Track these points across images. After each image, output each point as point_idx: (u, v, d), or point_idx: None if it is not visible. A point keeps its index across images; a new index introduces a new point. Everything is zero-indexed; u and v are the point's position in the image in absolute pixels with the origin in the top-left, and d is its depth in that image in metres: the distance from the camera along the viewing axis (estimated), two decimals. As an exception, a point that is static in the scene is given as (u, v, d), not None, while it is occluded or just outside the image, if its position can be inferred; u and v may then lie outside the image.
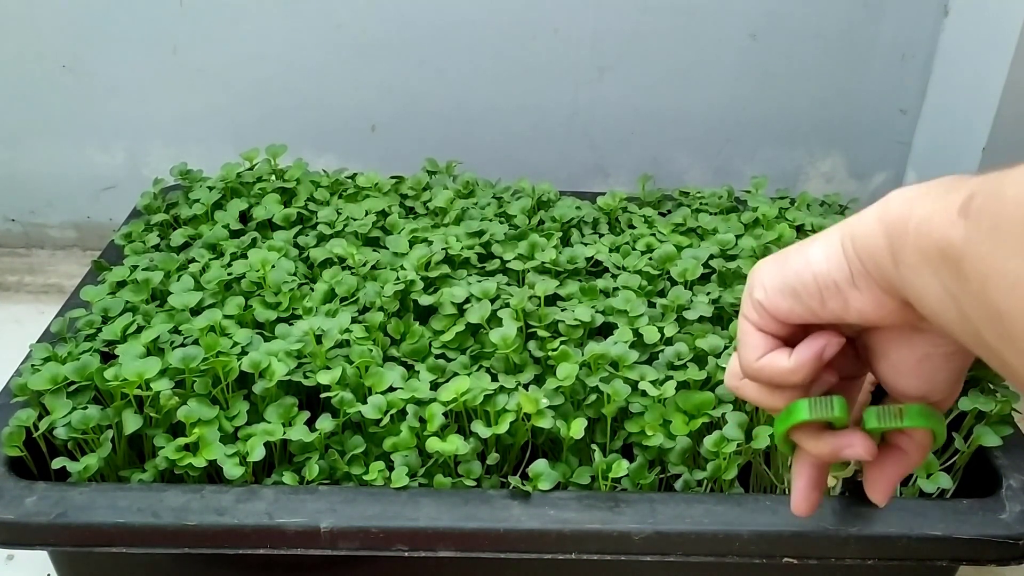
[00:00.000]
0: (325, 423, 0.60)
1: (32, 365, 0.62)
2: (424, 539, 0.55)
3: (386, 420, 0.60)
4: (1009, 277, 0.30)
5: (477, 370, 0.64)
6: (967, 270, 0.32)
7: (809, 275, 0.40)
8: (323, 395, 0.62)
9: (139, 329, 0.66)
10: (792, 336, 0.43)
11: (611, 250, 0.78)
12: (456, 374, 0.64)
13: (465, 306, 0.68)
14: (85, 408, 0.60)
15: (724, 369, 0.62)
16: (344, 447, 0.60)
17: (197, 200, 0.83)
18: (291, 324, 0.67)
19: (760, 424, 0.59)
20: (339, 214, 0.81)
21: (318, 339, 0.64)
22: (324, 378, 0.61)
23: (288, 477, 0.58)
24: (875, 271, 0.38)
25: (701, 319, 0.68)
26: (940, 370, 0.42)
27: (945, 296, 0.34)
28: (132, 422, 0.60)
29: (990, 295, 0.31)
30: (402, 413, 0.61)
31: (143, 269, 0.74)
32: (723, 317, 0.70)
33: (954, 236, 0.33)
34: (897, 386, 0.43)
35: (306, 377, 0.63)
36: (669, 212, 0.88)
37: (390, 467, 0.59)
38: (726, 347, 0.64)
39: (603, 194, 0.86)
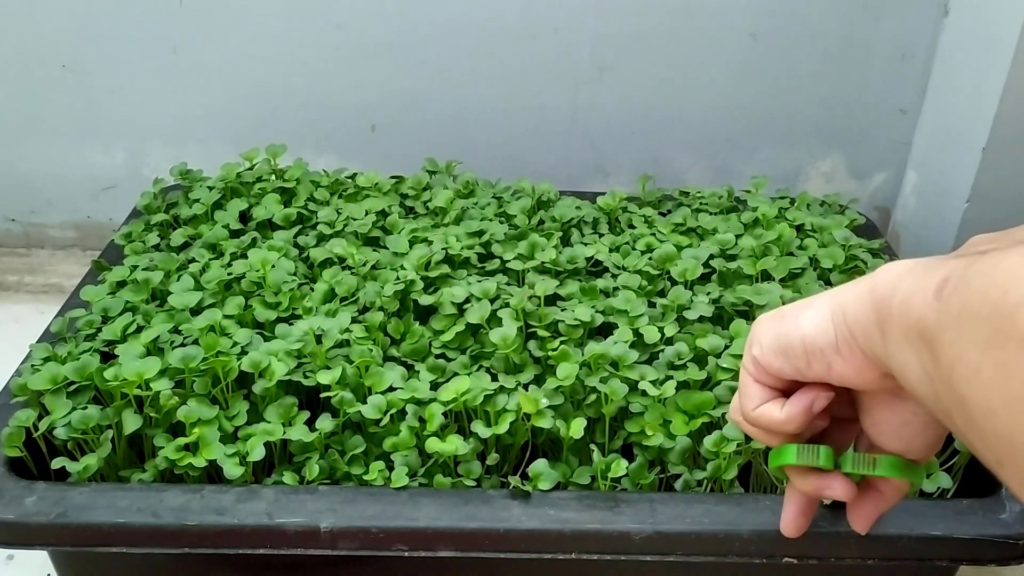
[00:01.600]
0: (325, 423, 0.60)
1: (32, 365, 0.62)
2: (424, 539, 0.55)
3: (386, 420, 0.60)
4: (970, 366, 0.31)
5: (477, 370, 0.64)
6: (938, 352, 0.33)
7: (797, 338, 0.43)
8: (323, 395, 0.62)
9: (139, 329, 0.66)
10: (789, 387, 0.46)
11: (611, 250, 0.78)
12: (456, 374, 0.64)
13: (465, 306, 0.68)
14: (85, 408, 0.60)
15: (724, 369, 0.62)
16: (344, 447, 0.60)
17: (197, 200, 0.83)
18: (291, 324, 0.67)
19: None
20: (339, 214, 0.81)
21: (318, 339, 0.64)
22: (324, 378, 0.61)
23: (288, 477, 0.58)
24: (864, 342, 0.40)
25: (701, 319, 0.68)
26: (918, 435, 0.45)
27: (923, 375, 0.35)
28: (132, 422, 0.60)
29: (955, 380, 0.32)
30: (402, 413, 0.61)
31: (143, 269, 0.74)
32: (723, 317, 0.70)
33: (929, 318, 0.34)
34: (877, 442, 0.47)
35: (306, 377, 0.63)
36: (669, 212, 0.88)
37: (390, 467, 0.59)
38: (727, 346, 0.64)
39: (603, 194, 0.86)
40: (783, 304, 0.68)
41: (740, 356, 0.63)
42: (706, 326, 0.68)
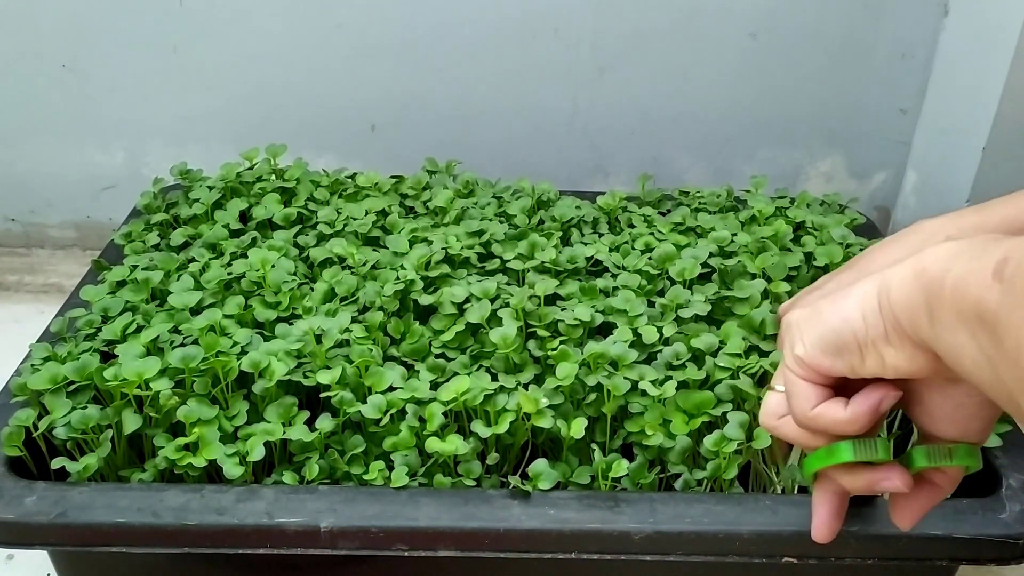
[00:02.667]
0: (325, 423, 0.60)
1: (32, 365, 0.62)
2: (424, 539, 0.55)
3: (386, 420, 0.60)
4: None
5: (477, 370, 0.64)
6: (1002, 335, 0.32)
7: (848, 333, 0.41)
8: (323, 395, 0.62)
9: (139, 329, 0.66)
10: (837, 384, 0.44)
11: (611, 250, 0.78)
12: (456, 374, 0.64)
13: (465, 306, 0.68)
14: (85, 408, 0.60)
15: (721, 368, 0.62)
16: (344, 447, 0.60)
17: (197, 200, 0.83)
18: (291, 324, 0.67)
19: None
20: (339, 214, 0.81)
21: (318, 339, 0.64)
22: (324, 378, 0.61)
23: (288, 477, 0.58)
24: (910, 327, 0.38)
25: (696, 318, 0.68)
26: (974, 417, 0.43)
27: (980, 357, 0.34)
28: (132, 422, 0.60)
29: (1023, 361, 0.31)
30: (402, 413, 0.61)
31: (143, 269, 0.74)
32: (716, 315, 0.70)
33: (989, 299, 0.33)
34: (932, 430, 0.44)
35: (306, 377, 0.63)
36: (669, 212, 0.88)
37: (390, 467, 0.59)
38: (722, 345, 0.64)
39: (603, 194, 0.86)
40: (758, 297, 0.69)
41: (736, 355, 0.63)
42: (700, 326, 0.68)
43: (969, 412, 0.43)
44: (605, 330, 0.68)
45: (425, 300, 0.69)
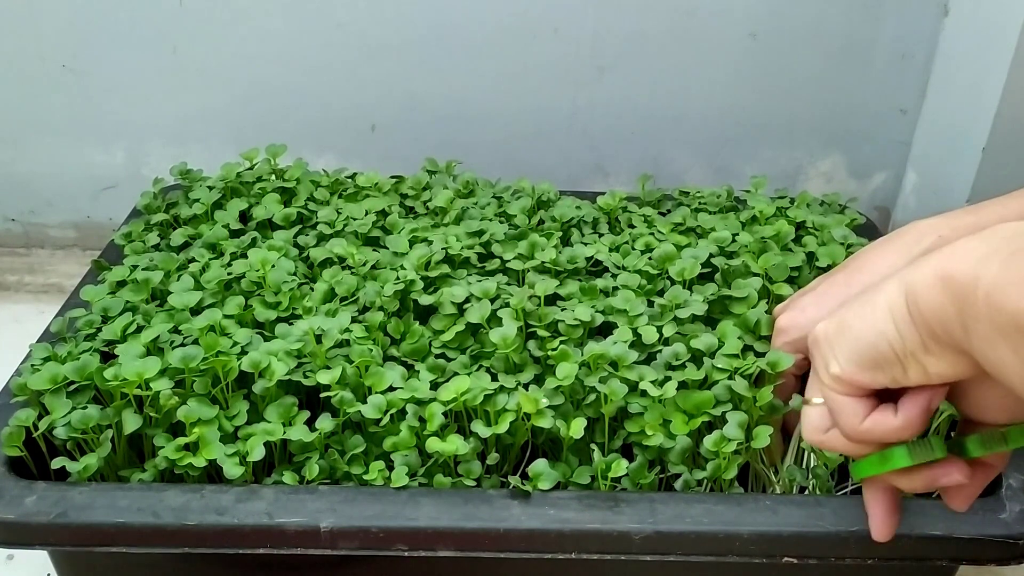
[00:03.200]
0: (325, 423, 0.60)
1: (32, 365, 0.62)
2: (424, 539, 0.55)
3: (386, 420, 0.60)
4: None
5: (477, 370, 0.64)
6: None
7: (886, 347, 0.40)
8: (323, 395, 0.62)
9: (139, 329, 0.66)
10: (880, 389, 0.43)
11: (611, 250, 0.78)
12: (456, 374, 0.64)
13: (465, 306, 0.68)
14: (85, 408, 0.60)
15: (719, 369, 0.62)
16: (344, 447, 0.60)
17: (197, 200, 0.83)
18: (291, 324, 0.67)
19: (760, 424, 0.59)
20: (339, 214, 0.81)
21: (318, 339, 0.64)
22: (324, 378, 0.61)
23: (288, 477, 0.58)
24: (946, 337, 0.37)
25: (694, 318, 0.68)
26: (1021, 401, 0.41)
27: None
28: (132, 422, 0.60)
29: None
30: (402, 413, 0.61)
31: (143, 269, 0.74)
32: (713, 315, 0.70)
33: None
34: (980, 418, 0.43)
35: (306, 377, 0.63)
36: (669, 212, 0.88)
37: (390, 467, 0.59)
38: (721, 345, 0.64)
39: (603, 194, 0.86)
40: (755, 296, 0.69)
41: (734, 356, 0.63)
42: (699, 326, 0.68)
43: (1016, 398, 0.40)
44: (605, 330, 0.68)
45: (425, 300, 0.69)
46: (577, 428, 0.59)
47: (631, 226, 0.84)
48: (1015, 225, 0.36)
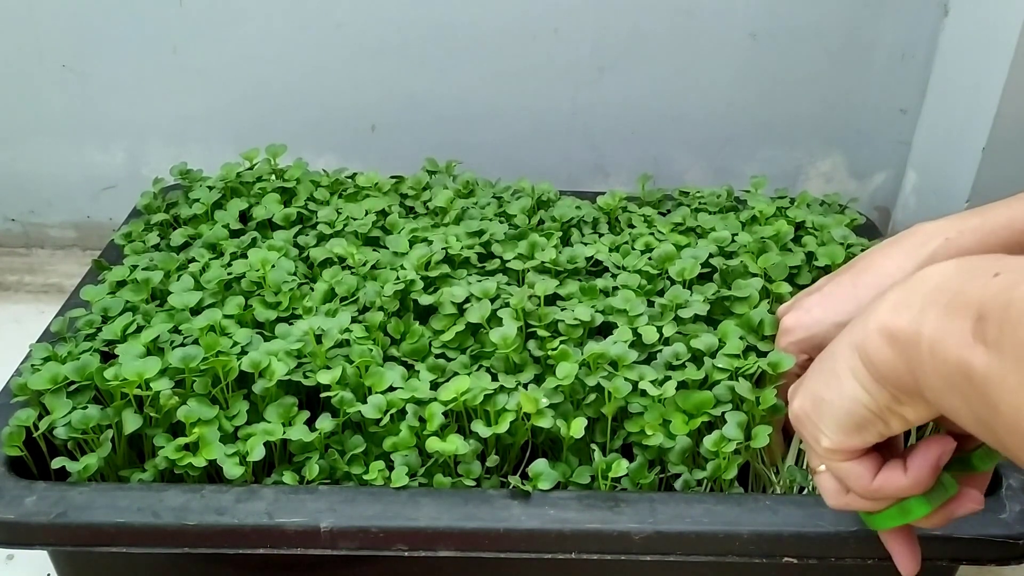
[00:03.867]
0: (325, 423, 0.60)
1: (32, 365, 0.62)
2: (424, 539, 0.55)
3: (386, 420, 0.60)
4: None
5: (477, 370, 0.64)
6: (995, 400, 0.31)
7: (862, 410, 0.40)
8: (323, 395, 0.62)
9: (139, 329, 0.66)
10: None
11: (611, 250, 0.78)
12: (456, 374, 0.64)
13: (465, 306, 0.68)
14: (85, 408, 0.60)
15: (720, 369, 0.62)
16: (344, 447, 0.60)
17: (197, 200, 0.83)
18: (291, 324, 0.67)
19: (759, 424, 0.59)
20: (339, 214, 0.81)
21: (318, 339, 0.64)
22: (324, 378, 0.61)
23: (288, 477, 0.58)
24: (904, 391, 0.38)
25: (696, 318, 0.68)
26: None
27: (976, 420, 0.33)
28: (132, 422, 0.60)
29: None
30: (402, 413, 0.61)
31: (143, 269, 0.74)
32: (715, 315, 0.70)
33: (975, 362, 0.32)
34: (967, 438, 0.44)
35: (306, 377, 0.63)
36: (669, 212, 0.88)
37: (390, 467, 0.59)
38: (721, 345, 0.64)
39: (603, 194, 0.86)
40: (757, 296, 0.69)
41: (735, 356, 0.63)
42: (699, 326, 0.68)
43: None
44: (605, 330, 0.68)
45: (425, 300, 0.69)
46: (577, 428, 0.59)
47: (631, 226, 0.84)
48: (940, 270, 0.36)
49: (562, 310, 0.68)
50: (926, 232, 0.59)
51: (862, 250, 0.77)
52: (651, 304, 0.70)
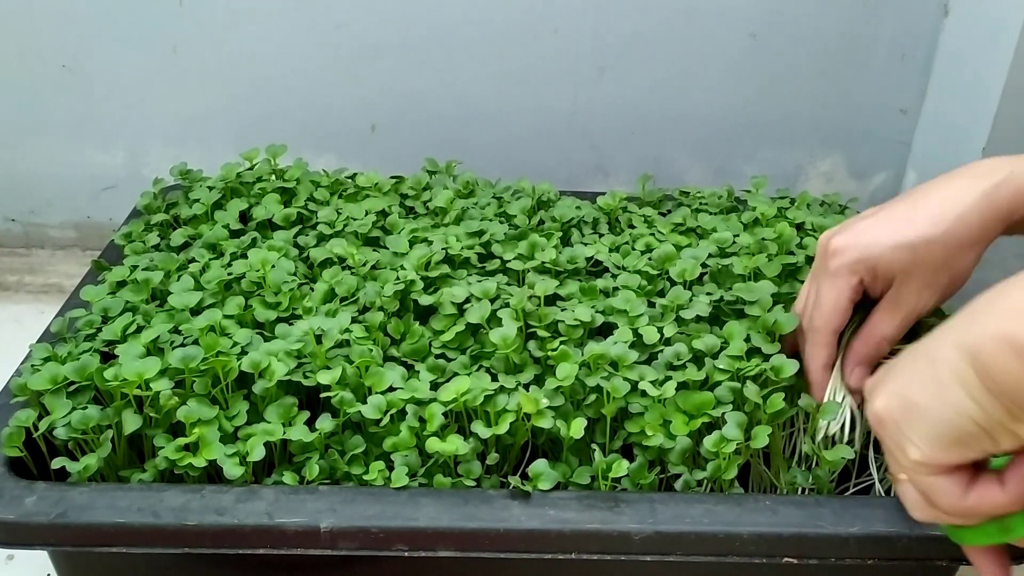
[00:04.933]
0: (325, 423, 0.60)
1: (32, 365, 0.62)
2: (424, 539, 0.55)
3: (386, 420, 0.60)
4: None
5: (477, 370, 0.64)
6: None
7: (969, 423, 0.37)
8: (323, 395, 0.62)
9: (139, 329, 0.66)
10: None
11: (611, 250, 0.78)
12: (456, 374, 0.64)
13: (465, 306, 0.68)
14: (85, 408, 0.60)
15: (721, 370, 0.62)
16: (344, 447, 0.60)
17: (197, 200, 0.83)
18: (291, 324, 0.67)
19: (760, 424, 0.59)
20: (339, 214, 0.81)
21: (318, 339, 0.64)
22: (324, 378, 0.61)
23: (288, 477, 0.58)
24: None
25: (698, 319, 0.68)
26: None
27: None
28: (132, 422, 0.60)
29: None
30: (402, 413, 0.61)
31: (143, 269, 0.74)
32: (719, 317, 0.70)
33: None
34: None
35: (306, 377, 0.63)
36: (669, 212, 0.88)
37: (390, 467, 0.59)
38: (723, 346, 0.64)
39: (603, 194, 0.86)
40: (769, 300, 0.68)
41: (737, 357, 0.63)
42: (702, 326, 0.68)
43: None
44: (605, 330, 0.68)
45: (425, 300, 0.69)
46: (577, 428, 0.59)
47: (631, 226, 0.84)
48: None
49: (562, 310, 0.68)
50: (989, 164, 0.56)
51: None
52: (651, 305, 0.70)
